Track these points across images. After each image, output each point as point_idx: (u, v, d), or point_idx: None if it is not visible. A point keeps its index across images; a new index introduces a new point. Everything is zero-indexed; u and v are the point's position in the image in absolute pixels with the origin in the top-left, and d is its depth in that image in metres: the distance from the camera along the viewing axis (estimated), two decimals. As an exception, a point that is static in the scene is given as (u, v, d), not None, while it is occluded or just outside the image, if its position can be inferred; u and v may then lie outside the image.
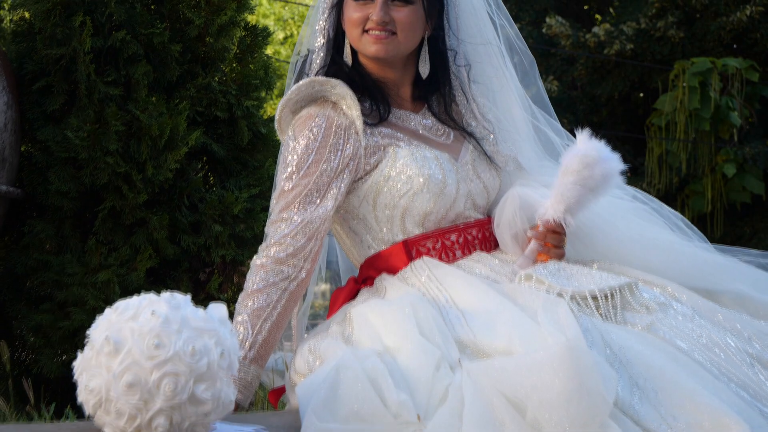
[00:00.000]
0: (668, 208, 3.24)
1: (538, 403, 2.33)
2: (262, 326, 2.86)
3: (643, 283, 2.86)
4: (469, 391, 2.41)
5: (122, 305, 2.37)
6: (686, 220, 3.23)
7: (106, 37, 4.58)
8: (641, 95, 15.44)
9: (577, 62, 14.91)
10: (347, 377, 2.49)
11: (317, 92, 3.00)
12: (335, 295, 3.14)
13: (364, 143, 2.98)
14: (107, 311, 2.38)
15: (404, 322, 2.66)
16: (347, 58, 3.10)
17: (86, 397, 2.29)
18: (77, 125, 4.45)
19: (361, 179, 3.01)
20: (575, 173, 2.92)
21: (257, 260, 2.91)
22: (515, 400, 2.38)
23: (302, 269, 2.91)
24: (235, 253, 4.61)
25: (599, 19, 15.72)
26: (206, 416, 2.30)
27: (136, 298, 2.39)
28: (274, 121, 3.12)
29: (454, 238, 3.02)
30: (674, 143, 13.88)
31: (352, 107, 2.97)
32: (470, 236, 3.04)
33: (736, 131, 14.14)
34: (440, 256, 3.00)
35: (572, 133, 3.07)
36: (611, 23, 14.85)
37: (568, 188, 2.93)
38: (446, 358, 2.55)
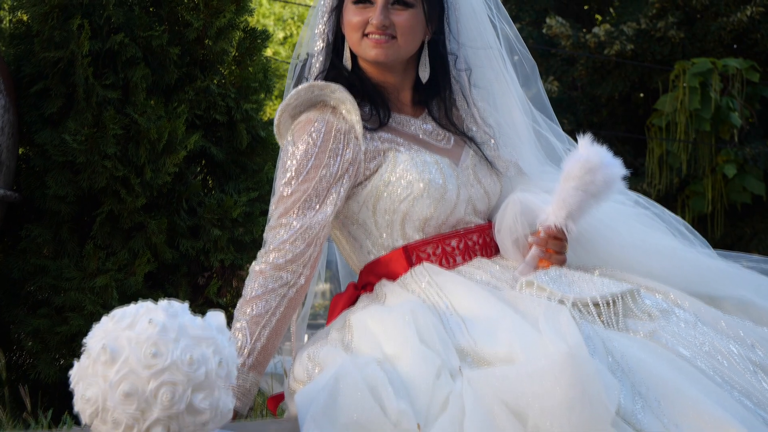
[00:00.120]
0: (670, 213, 3.22)
1: (539, 411, 2.33)
2: (260, 333, 2.84)
3: (645, 289, 2.85)
4: (469, 399, 2.40)
5: (119, 313, 2.35)
6: (688, 225, 3.22)
7: (104, 39, 4.57)
8: (641, 95, 15.43)
9: (577, 62, 14.90)
10: (347, 385, 2.48)
11: (316, 97, 2.99)
12: (335, 301, 3.13)
13: (363, 148, 2.96)
14: (104, 319, 2.37)
15: (404, 329, 2.64)
16: (347, 62, 3.09)
17: (83, 406, 2.28)
18: (75, 129, 4.43)
19: (360, 184, 3.00)
20: (577, 179, 2.91)
21: (256, 266, 2.89)
22: (516, 408, 2.36)
23: (301, 275, 2.90)
24: (234, 257, 4.60)
25: (599, 19, 15.71)
26: (204, 426, 2.29)
27: (133, 306, 2.37)
28: (273, 124, 3.10)
29: (454, 243, 3.01)
30: (675, 144, 13.88)
31: (351, 112, 2.96)
32: (471, 242, 3.03)
33: (736, 132, 14.14)
34: (440, 261, 2.99)
35: (573, 135, 3.06)
36: (611, 23, 14.84)
37: (569, 194, 2.91)
38: (447, 365, 2.54)
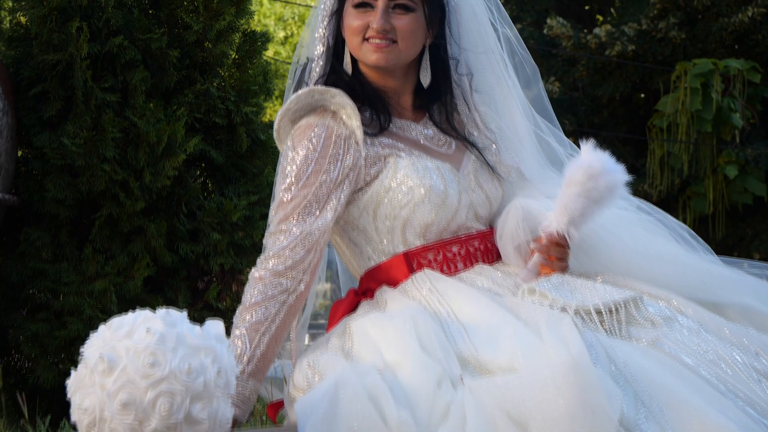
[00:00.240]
0: (673, 219, 3.20)
1: (541, 421, 2.31)
2: (260, 340, 2.82)
3: (648, 296, 2.83)
4: (471, 408, 2.39)
5: (116, 322, 2.34)
6: (691, 231, 3.20)
7: (103, 42, 4.57)
8: (642, 96, 15.43)
9: (578, 63, 14.90)
10: (347, 394, 2.46)
11: (317, 101, 2.97)
12: (335, 307, 3.10)
13: (364, 153, 2.94)
14: (101, 328, 2.36)
15: (405, 336, 2.63)
16: (347, 66, 3.07)
17: (80, 416, 2.27)
18: (74, 132, 4.43)
19: (361, 190, 2.97)
20: (579, 185, 2.88)
21: (255, 273, 2.87)
22: (518, 417, 2.35)
23: (301, 282, 2.87)
24: (233, 261, 4.60)
25: (600, 19, 15.70)
26: (203, 436, 2.27)
27: (130, 314, 2.35)
28: (273, 127, 3.08)
29: (455, 249, 2.99)
30: (676, 145, 13.87)
31: (352, 117, 2.93)
32: (472, 248, 3.01)
33: (737, 133, 14.16)
34: (442, 268, 2.96)
35: (574, 135, 3.04)
36: (612, 24, 14.84)
37: (571, 200, 2.89)
38: (448, 373, 2.53)
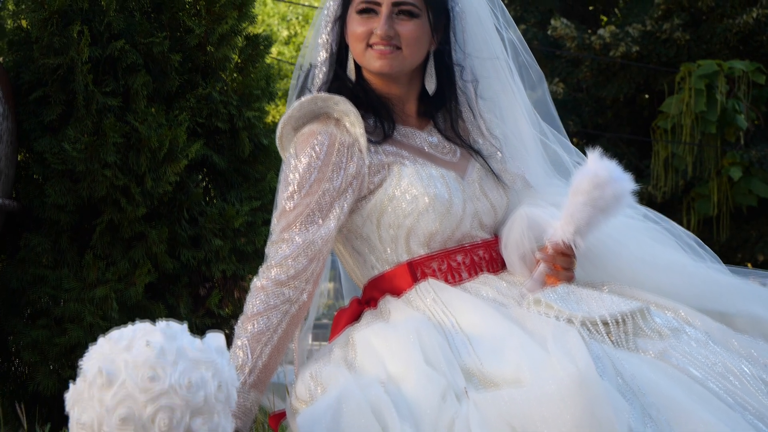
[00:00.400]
0: (680, 227, 3.17)
1: (547, 436, 2.27)
2: (262, 351, 2.80)
3: (655, 306, 2.80)
4: (476, 422, 2.37)
5: (116, 335, 2.32)
6: (698, 239, 3.17)
7: (104, 46, 4.56)
8: (646, 97, 15.43)
9: (582, 64, 14.89)
10: (350, 408, 2.45)
11: (320, 109, 2.94)
12: (338, 316, 3.08)
13: (367, 161, 2.91)
14: (100, 340, 2.34)
15: (409, 348, 2.60)
16: (351, 73, 3.04)
17: (78, 431, 2.23)
18: (74, 137, 4.42)
19: (364, 198, 2.94)
20: (585, 194, 2.86)
21: (257, 282, 2.84)
22: (524, 432, 2.31)
23: (304, 291, 2.85)
24: (235, 267, 4.59)
25: (604, 20, 15.70)
26: (203, 451, 2.24)
27: (130, 327, 2.33)
28: (275, 131, 3.05)
29: (460, 258, 2.96)
30: (680, 146, 13.86)
31: (355, 124, 2.91)
32: (477, 257, 2.98)
33: (742, 134, 14.16)
34: (446, 277, 2.93)
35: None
36: (617, 25, 14.83)
37: (578, 209, 2.87)
38: (452, 386, 2.50)
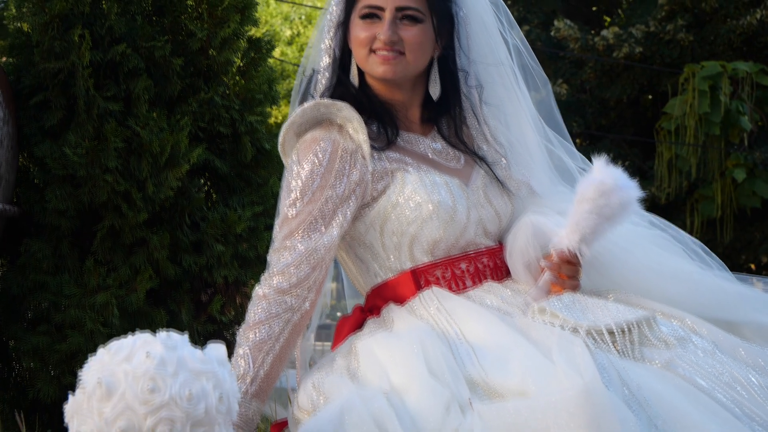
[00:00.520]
0: (687, 234, 3.15)
1: (553, 448, 2.25)
2: (264, 360, 2.78)
3: (661, 315, 2.78)
4: (480, 435, 2.33)
5: (115, 345, 2.30)
6: (705, 247, 3.15)
7: (105, 50, 4.54)
8: (650, 98, 15.42)
9: (585, 65, 14.89)
10: (352, 420, 2.43)
11: (322, 115, 2.92)
12: (340, 324, 3.05)
13: (371, 168, 2.89)
14: (100, 351, 2.32)
15: (412, 359, 2.58)
16: (354, 78, 3.01)
17: (77, 443, 2.22)
18: (75, 141, 4.39)
19: (367, 205, 2.92)
20: (591, 201, 2.84)
21: (259, 290, 2.82)
22: (529, 444, 2.29)
23: (306, 300, 2.83)
24: (237, 273, 4.57)
25: (608, 21, 15.69)
26: (204, 464, 2.22)
27: (130, 337, 2.31)
28: (278, 135, 3.03)
29: (464, 266, 2.93)
30: (684, 147, 13.84)
31: (358, 131, 2.88)
32: (481, 265, 2.96)
33: (746, 136, 14.14)
34: (450, 285, 2.91)
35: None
36: (620, 26, 14.81)
37: (583, 217, 2.84)
38: (456, 398, 2.48)
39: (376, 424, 2.41)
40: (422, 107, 3.06)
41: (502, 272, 2.98)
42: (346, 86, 3.02)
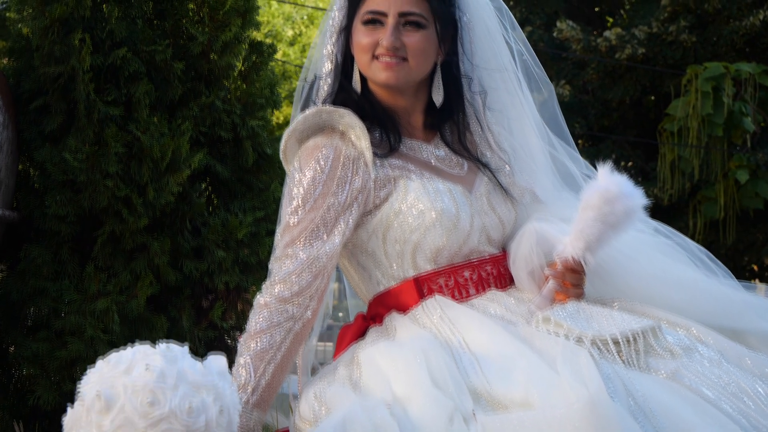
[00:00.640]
0: (692, 242, 3.12)
1: (557, 460, 2.24)
2: (265, 369, 2.76)
3: (666, 323, 2.76)
4: (484, 447, 2.31)
5: (115, 357, 2.29)
6: (710, 254, 3.13)
7: (106, 54, 4.51)
8: (652, 99, 15.40)
9: (588, 66, 14.86)
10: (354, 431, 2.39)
11: (324, 122, 2.90)
12: (342, 332, 3.04)
13: (373, 175, 2.87)
14: (99, 363, 2.31)
15: (415, 369, 2.56)
16: (356, 84, 2.99)
17: (76, 456, 2.20)
18: (76, 146, 4.37)
19: (370, 213, 2.90)
20: (595, 209, 2.81)
21: (260, 299, 2.80)
22: (533, 457, 2.27)
23: (308, 308, 2.81)
24: (239, 279, 4.55)
25: (610, 21, 15.67)
26: (204, 478, 2.20)
27: (129, 349, 2.29)
28: (279, 139, 3.01)
29: (467, 274, 2.91)
30: (686, 149, 13.81)
31: (361, 138, 2.86)
32: (484, 273, 2.94)
33: (749, 137, 14.11)
34: (453, 293, 2.89)
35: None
36: (623, 27, 14.79)
37: (588, 225, 2.82)
38: (459, 409, 2.45)
39: (378, 436, 2.36)
40: (425, 113, 3.04)
41: (505, 280, 2.96)
42: (348, 92, 3.00)
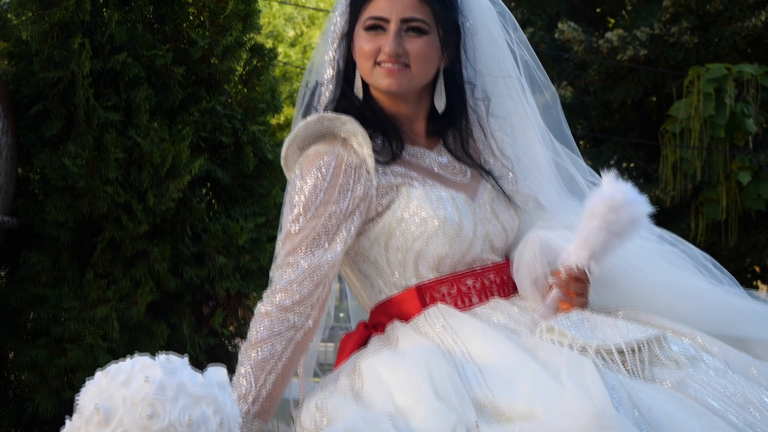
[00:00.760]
0: (698, 250, 3.09)
1: (561, 473, 2.22)
2: (266, 379, 2.73)
3: (671, 333, 2.73)
4: (487, 459, 2.29)
5: (114, 369, 2.26)
6: (716, 262, 3.10)
7: (106, 59, 4.48)
8: (654, 99, 15.39)
9: (589, 67, 14.84)
10: (356, 444, 2.37)
11: (326, 129, 2.87)
12: (344, 340, 3.02)
13: (375, 183, 2.84)
14: (97, 375, 2.28)
15: (418, 380, 2.54)
16: (358, 91, 2.97)
17: (74, 471, 2.17)
18: (75, 152, 4.34)
19: (372, 221, 2.87)
20: (600, 217, 2.79)
21: (261, 308, 2.78)
22: (537, 470, 2.25)
23: (309, 317, 2.79)
24: (240, 285, 4.52)
25: (612, 22, 15.65)
26: (205, 491, 2.18)
27: (128, 360, 2.26)
28: (280, 143, 2.98)
29: (470, 283, 2.89)
30: (688, 150, 13.78)
31: (363, 145, 2.84)
32: (488, 281, 2.91)
33: (751, 138, 14.07)
34: (455, 302, 2.87)
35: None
36: (624, 28, 14.77)
37: (592, 233, 2.80)
38: (463, 420, 2.43)
39: (380, 448, 2.35)
40: (428, 120, 3.02)
41: (509, 288, 2.94)
42: (350, 99, 2.98)
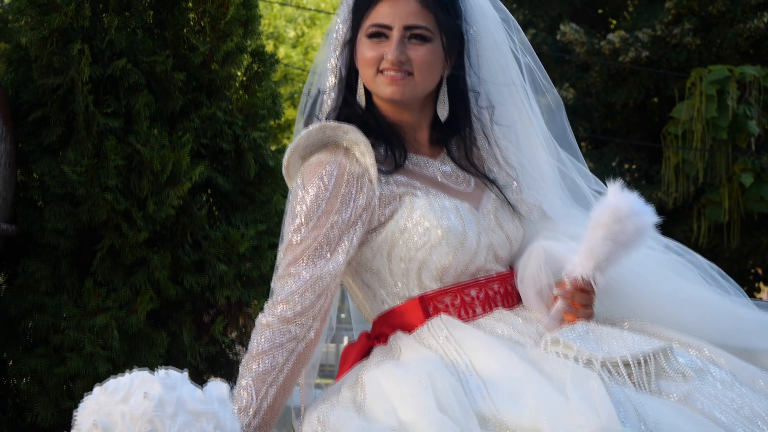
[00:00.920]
0: (704, 259, 3.06)
1: (567, 489, 2.19)
2: (267, 391, 2.71)
3: (677, 344, 2.71)
4: (491, 475, 2.26)
5: (112, 384, 2.25)
6: (722, 271, 3.07)
7: (105, 65, 4.46)
8: (656, 101, 15.38)
9: (591, 69, 14.83)
10: (358, 460, 2.34)
11: (328, 137, 2.84)
12: (346, 351, 2.99)
13: (378, 193, 2.81)
14: (96, 390, 2.26)
15: (421, 393, 2.51)
16: (360, 99, 2.94)
17: (71, 488, 2.14)
18: (75, 159, 4.32)
19: (374, 231, 2.84)
20: (605, 227, 2.76)
21: (263, 319, 2.75)
22: (542, 485, 2.23)
23: (311, 329, 2.76)
24: (240, 293, 4.51)
25: (614, 23, 15.65)
26: None
27: (127, 375, 2.24)
28: (281, 150, 2.93)
29: (474, 293, 2.86)
30: (691, 152, 13.78)
31: (365, 154, 2.80)
32: (492, 291, 2.88)
33: (753, 140, 14.10)
34: (459, 313, 2.83)
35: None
36: (626, 29, 14.76)
37: (597, 243, 2.77)
38: (466, 435, 2.38)
39: (383, 464, 2.32)
40: (431, 129, 2.99)
41: (513, 298, 2.91)
42: (352, 107, 2.95)
